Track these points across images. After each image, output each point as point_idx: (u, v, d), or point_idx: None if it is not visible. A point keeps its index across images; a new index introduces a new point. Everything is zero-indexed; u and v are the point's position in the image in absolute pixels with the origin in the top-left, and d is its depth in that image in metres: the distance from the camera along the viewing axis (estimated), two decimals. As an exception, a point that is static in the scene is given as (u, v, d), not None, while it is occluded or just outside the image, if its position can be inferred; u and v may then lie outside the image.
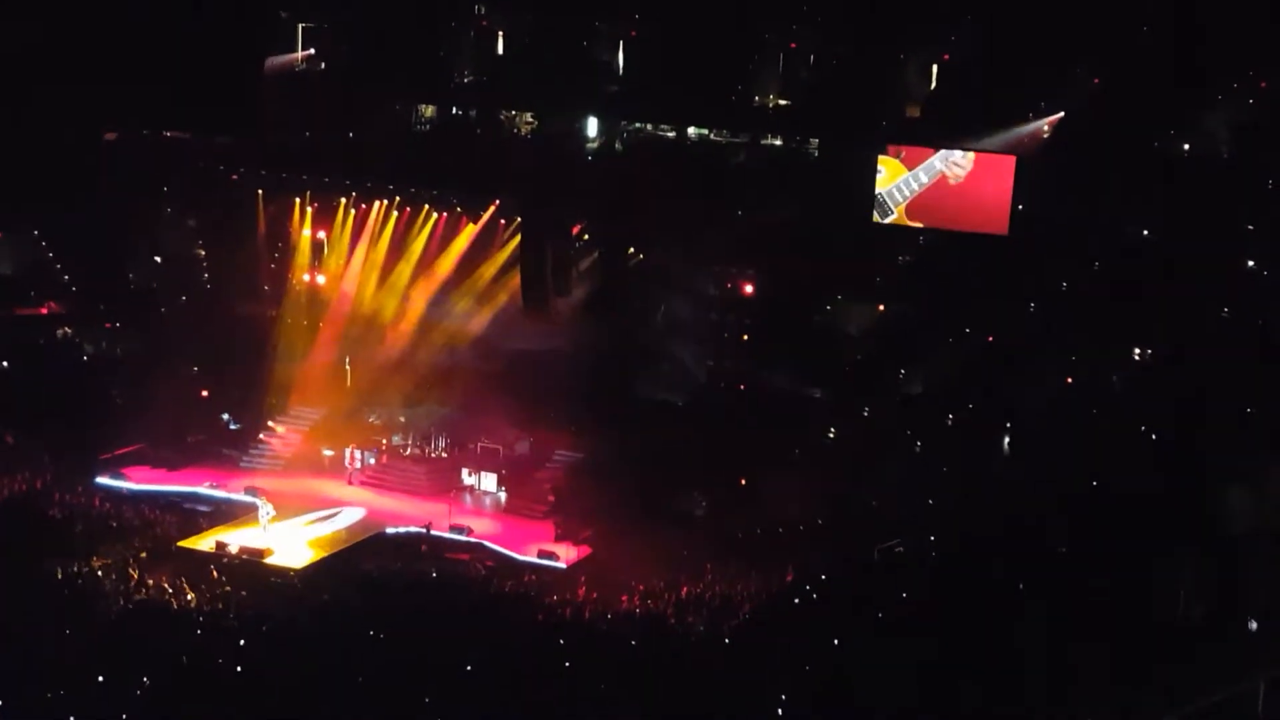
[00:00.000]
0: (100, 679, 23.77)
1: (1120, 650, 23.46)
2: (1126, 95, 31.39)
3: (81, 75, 33.75)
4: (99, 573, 29.27)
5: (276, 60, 36.72)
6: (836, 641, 25.56)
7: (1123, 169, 31.47)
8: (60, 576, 28.87)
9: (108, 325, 41.53)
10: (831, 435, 34.46)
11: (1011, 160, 32.29)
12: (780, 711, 23.21)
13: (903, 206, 33.22)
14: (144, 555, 30.63)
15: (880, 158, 33.28)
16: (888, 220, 33.34)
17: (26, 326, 41.03)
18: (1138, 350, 32.56)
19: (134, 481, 35.60)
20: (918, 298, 34.36)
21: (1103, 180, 31.51)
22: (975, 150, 32.79)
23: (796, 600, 28.47)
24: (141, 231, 38.37)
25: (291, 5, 37.51)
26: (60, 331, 41.47)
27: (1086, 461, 30.40)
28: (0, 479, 34.20)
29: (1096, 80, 32.52)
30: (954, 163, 32.68)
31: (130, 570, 29.60)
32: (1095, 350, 32.54)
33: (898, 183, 33.19)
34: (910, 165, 32.93)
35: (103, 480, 35.25)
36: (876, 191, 33.24)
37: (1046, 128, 32.86)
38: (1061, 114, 32.60)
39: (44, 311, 41.53)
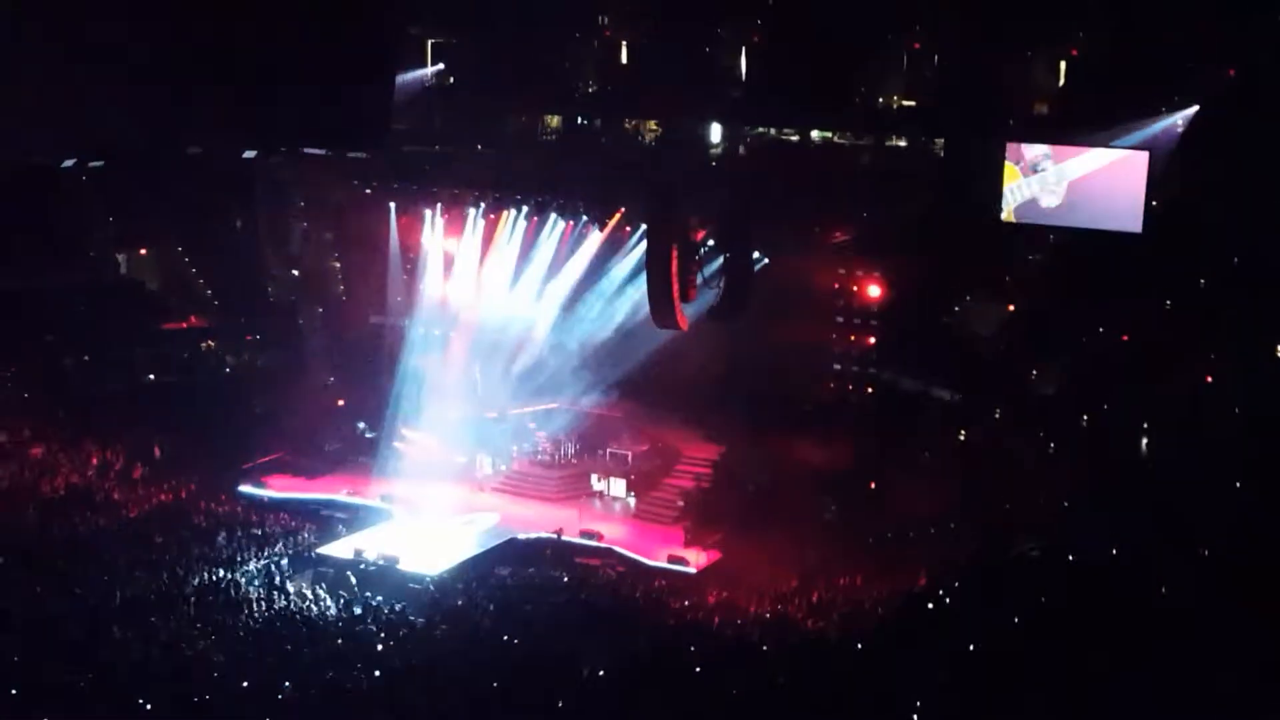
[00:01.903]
0: (245, 684, 24.46)
1: (1263, 660, 22.87)
2: (1262, 87, 30.49)
3: (220, 94, 34.71)
4: (242, 580, 30.12)
5: (407, 75, 37.45)
6: (971, 647, 25.23)
7: (1259, 163, 30.55)
8: (207, 583, 29.75)
9: (248, 338, 42.84)
10: (962, 437, 34.04)
11: (1144, 157, 31.52)
12: (914, 718, 22.99)
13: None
14: (285, 562, 31.52)
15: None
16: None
17: (171, 340, 42.49)
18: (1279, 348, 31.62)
19: (274, 490, 36.55)
20: (1049, 297, 33.79)
21: (1238, 175, 30.63)
22: (1106, 146, 32.11)
23: (930, 605, 28.16)
24: (280, 246, 39.39)
25: (420, 21, 38.24)
26: (203, 344, 42.87)
27: (1227, 462, 29.55)
28: (149, 488, 35.34)
29: (1231, 72, 31.61)
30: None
31: (272, 577, 30.48)
32: (1234, 348, 31.64)
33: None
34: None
35: (245, 489, 36.25)
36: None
37: (1180, 123, 32.02)
38: (1195, 108, 31.77)
39: (188, 325, 42.94)
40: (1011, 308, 34.66)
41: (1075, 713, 22.33)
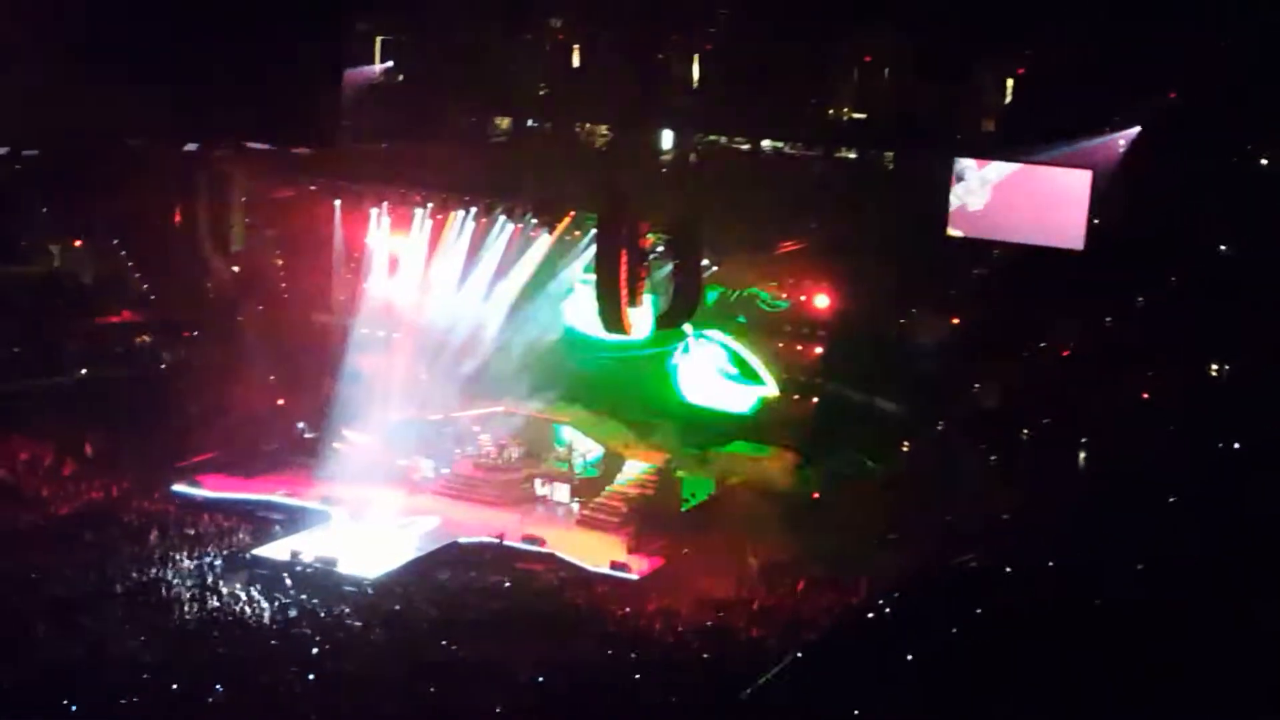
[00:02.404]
0: (175, 686, 24.05)
1: (1203, 670, 23.15)
2: (1203, 109, 31.00)
3: (163, 86, 34.25)
4: (174, 580, 29.59)
5: (355, 72, 37.11)
6: (910, 657, 25.35)
7: (1200, 183, 31.04)
8: (136, 584, 29.21)
9: (185, 334, 42.12)
10: (906, 448, 34.25)
11: (1087, 174, 31.94)
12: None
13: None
14: (218, 562, 31.02)
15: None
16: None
17: (105, 335, 41.72)
18: (1215, 366, 32.08)
19: (209, 489, 35.91)
20: (992, 311, 34.11)
21: (1179, 195, 31.10)
22: (1049, 164, 32.50)
23: (870, 615, 28.27)
24: (220, 241, 38.83)
25: (370, 18, 37.93)
26: (138, 340, 42.11)
27: (1162, 477, 29.95)
28: (79, 486, 34.71)
29: (1173, 95, 32.12)
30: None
31: (205, 578, 29.98)
32: (1172, 366, 32.09)
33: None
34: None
35: (179, 488, 35.62)
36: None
37: (1123, 142, 32.48)
38: (1138, 128, 32.22)
39: (123, 320, 42.22)
40: (956, 321, 34.92)
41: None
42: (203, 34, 32.55)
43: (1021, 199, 32.59)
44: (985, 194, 32.89)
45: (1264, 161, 32.10)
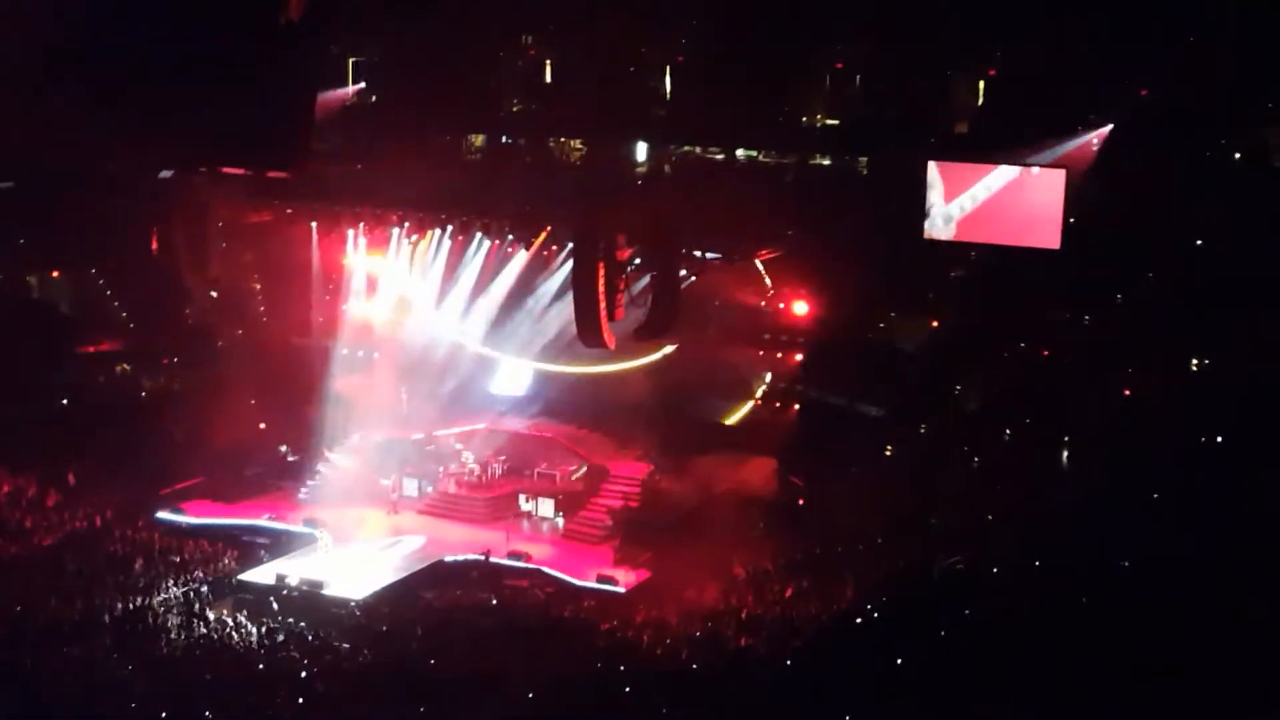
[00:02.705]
0: (164, 715, 23.91)
1: (1194, 667, 23.20)
2: (1175, 105, 31.11)
3: (135, 113, 34.13)
4: (160, 608, 29.50)
5: (328, 94, 37.07)
6: (899, 661, 25.35)
7: (1174, 180, 31.15)
8: (122, 612, 29.10)
9: (165, 361, 42.06)
10: (889, 452, 34.29)
11: (1061, 174, 32.01)
12: (845, 733, 23.04)
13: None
14: (205, 589, 30.89)
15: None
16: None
17: (85, 364, 41.59)
18: (1195, 361, 32.17)
19: (193, 515, 35.88)
20: (971, 313, 34.18)
21: (1154, 191, 31.20)
22: (1024, 165, 32.55)
23: (858, 620, 28.28)
24: (198, 267, 38.74)
25: (341, 39, 37.90)
26: (118, 368, 42.02)
27: (1145, 474, 30.02)
28: (62, 515, 34.52)
29: (1145, 92, 32.24)
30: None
31: (192, 604, 29.86)
32: (1152, 363, 32.17)
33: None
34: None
35: (163, 515, 35.55)
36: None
37: (1096, 141, 32.57)
38: (1111, 126, 32.33)
39: (102, 349, 42.07)
40: (935, 324, 34.99)
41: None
42: (173, 59, 32.53)
43: (996, 209, 32.57)
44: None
45: (1238, 155, 32.18)
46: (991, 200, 32.60)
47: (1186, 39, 31.24)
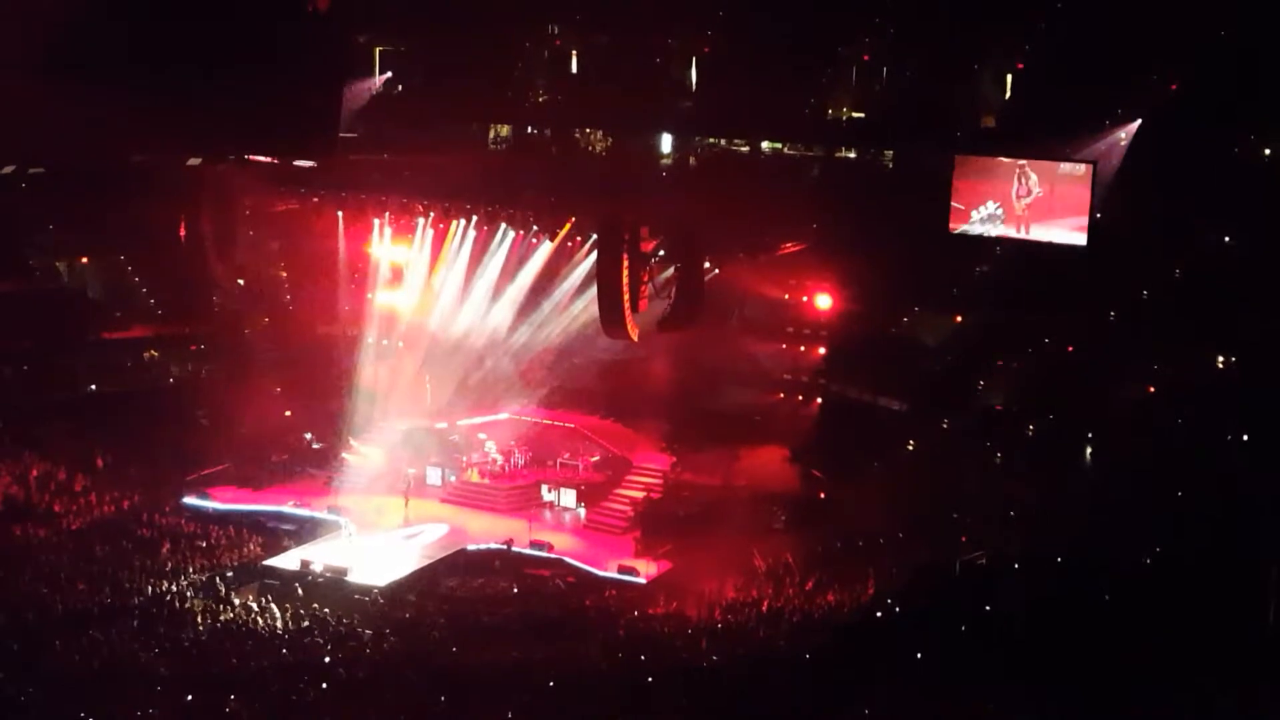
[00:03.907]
0: (189, 699, 24.18)
1: (1209, 662, 23.22)
2: (1204, 100, 30.94)
3: (165, 102, 34.42)
4: (188, 592, 29.74)
5: (355, 84, 37.26)
6: (919, 655, 25.40)
7: (1202, 175, 30.99)
8: (149, 597, 29.33)
9: (193, 347, 42.40)
10: (911, 447, 34.25)
11: (1088, 169, 31.91)
12: (865, 727, 23.11)
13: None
14: (230, 574, 31.14)
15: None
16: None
17: (113, 349, 41.96)
18: (1221, 358, 32.02)
19: (220, 501, 36.09)
20: (995, 308, 34.10)
21: (1182, 187, 31.04)
22: (1051, 160, 32.42)
23: (878, 614, 28.31)
24: (225, 255, 39.02)
25: (368, 29, 38.06)
26: (146, 354, 42.37)
27: (1170, 470, 29.94)
28: (90, 500, 34.81)
29: (1174, 86, 32.07)
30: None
31: (217, 589, 30.13)
32: (1178, 359, 32.04)
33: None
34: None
35: (190, 500, 35.79)
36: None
37: (1124, 136, 32.41)
38: (1139, 121, 32.16)
39: (130, 335, 42.41)
40: (959, 319, 34.92)
41: (1024, 716, 22.52)
42: (204, 50, 32.73)
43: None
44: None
45: (1267, 152, 32.00)
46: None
47: (1216, 33, 31.07)
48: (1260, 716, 22.29)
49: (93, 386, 40.74)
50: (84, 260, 43.50)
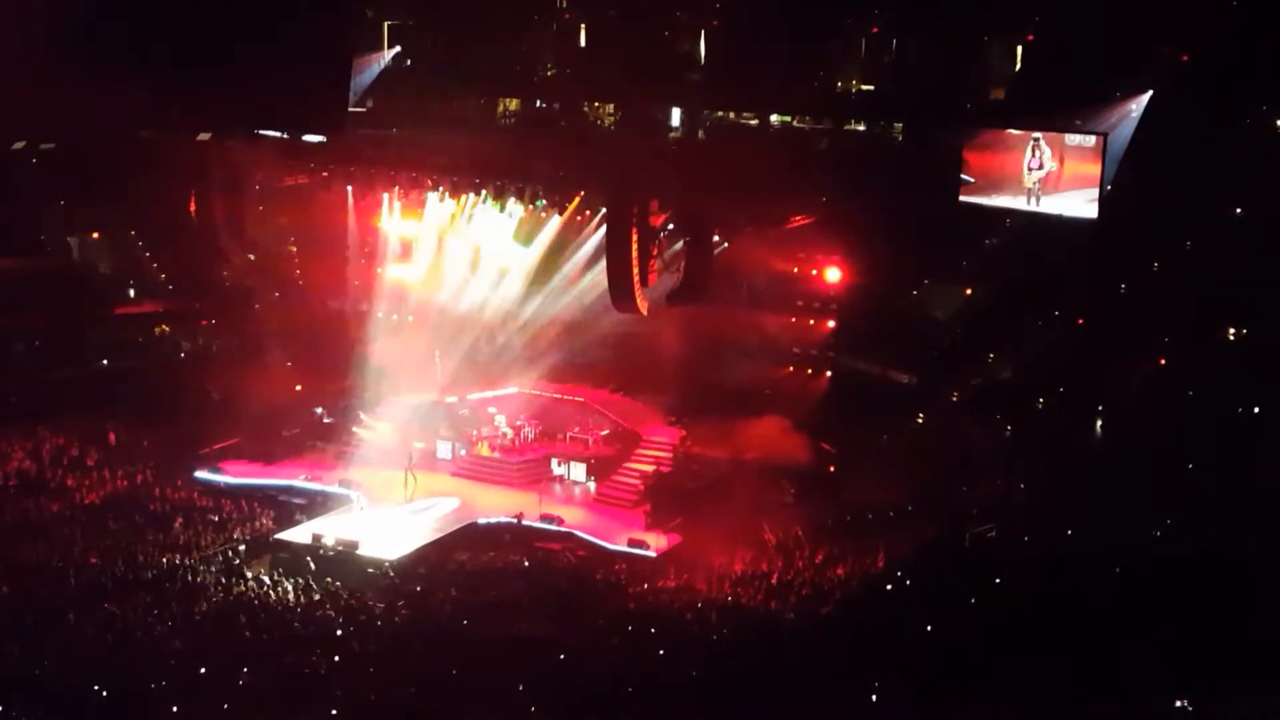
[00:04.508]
0: (202, 671, 24.36)
1: (1218, 634, 23.23)
2: (1215, 72, 30.74)
3: (173, 77, 34.37)
4: (199, 566, 29.89)
5: (364, 58, 37.13)
6: (929, 628, 25.47)
7: (1213, 147, 30.83)
8: (162, 570, 29.49)
9: (203, 322, 42.57)
10: (920, 420, 34.27)
11: (1099, 141, 31.72)
12: (874, 699, 23.16)
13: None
14: (242, 548, 31.30)
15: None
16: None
17: (124, 325, 42.11)
18: (1232, 330, 31.95)
19: (231, 475, 36.23)
20: (1005, 281, 34.02)
21: (1193, 159, 30.89)
22: (1062, 131, 32.22)
23: (889, 586, 28.39)
24: (235, 230, 39.08)
25: (376, 3, 37.93)
26: (157, 329, 42.52)
27: (1180, 443, 29.91)
28: (103, 474, 35.00)
29: (1185, 57, 31.86)
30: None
31: (230, 562, 30.28)
32: (1188, 331, 31.98)
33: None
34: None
35: (201, 474, 35.94)
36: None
37: (1135, 107, 32.21)
38: (1150, 92, 31.96)
39: (141, 310, 42.54)
40: (969, 291, 34.85)
41: (1033, 691, 22.58)
42: (211, 23, 32.62)
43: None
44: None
45: (1279, 122, 31.81)
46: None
47: (1228, 4, 30.86)
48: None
49: (104, 362, 40.88)
50: (95, 236, 43.62)
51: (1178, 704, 22.05)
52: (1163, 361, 32.11)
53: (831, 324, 36.75)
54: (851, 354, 35.77)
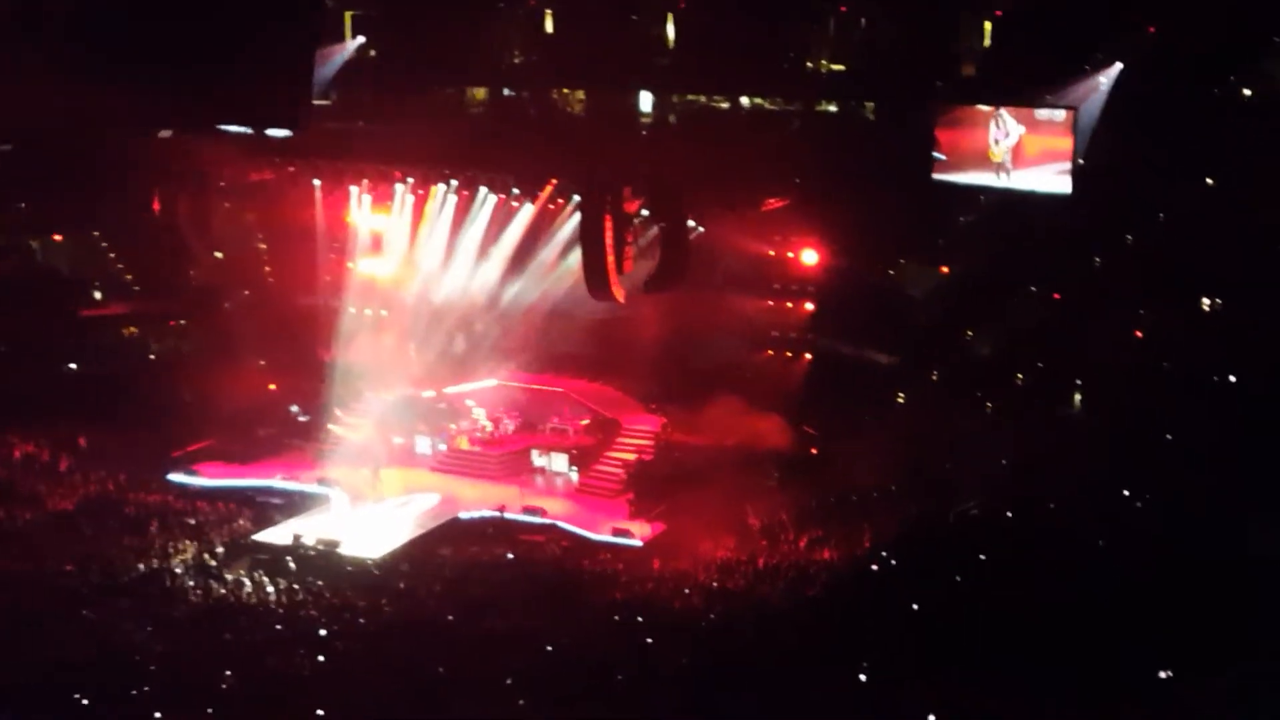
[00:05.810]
0: (184, 676, 24.01)
1: (1200, 606, 23.30)
2: (1183, 43, 30.77)
3: (133, 73, 33.90)
4: (177, 569, 29.54)
5: (328, 50, 36.73)
6: (915, 607, 25.43)
7: (1184, 118, 30.87)
8: (139, 575, 29.16)
9: (172, 323, 42.05)
10: (901, 400, 34.24)
11: (1069, 115, 31.70)
12: (862, 679, 23.09)
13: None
14: (220, 550, 30.95)
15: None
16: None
17: (92, 328, 41.54)
18: (1207, 300, 32.04)
19: (206, 477, 35.78)
20: (981, 258, 34.01)
21: (1163, 131, 30.93)
22: (1032, 106, 32.18)
23: (874, 567, 28.33)
24: (201, 228, 38.65)
25: (338, -7, 37.60)
26: (126, 331, 41.99)
27: (1159, 414, 29.99)
28: (75, 480, 34.56)
29: (1152, 29, 31.88)
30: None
31: (208, 565, 29.93)
32: (1164, 302, 32.05)
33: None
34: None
35: (176, 477, 35.47)
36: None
37: (1104, 80, 32.21)
38: (1119, 66, 31.96)
39: (107, 312, 42.00)
40: (945, 270, 34.84)
41: (1021, 668, 22.57)
42: (168, 16, 32.19)
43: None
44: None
45: (1247, 92, 31.89)
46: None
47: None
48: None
49: (72, 365, 40.33)
50: (57, 238, 43.02)
51: (1160, 675, 22.14)
52: (1140, 334, 32.17)
53: (810, 306, 36.62)
54: (831, 336, 35.68)
